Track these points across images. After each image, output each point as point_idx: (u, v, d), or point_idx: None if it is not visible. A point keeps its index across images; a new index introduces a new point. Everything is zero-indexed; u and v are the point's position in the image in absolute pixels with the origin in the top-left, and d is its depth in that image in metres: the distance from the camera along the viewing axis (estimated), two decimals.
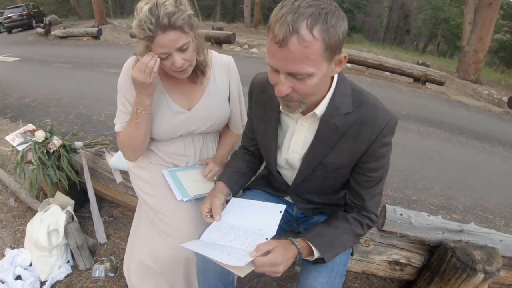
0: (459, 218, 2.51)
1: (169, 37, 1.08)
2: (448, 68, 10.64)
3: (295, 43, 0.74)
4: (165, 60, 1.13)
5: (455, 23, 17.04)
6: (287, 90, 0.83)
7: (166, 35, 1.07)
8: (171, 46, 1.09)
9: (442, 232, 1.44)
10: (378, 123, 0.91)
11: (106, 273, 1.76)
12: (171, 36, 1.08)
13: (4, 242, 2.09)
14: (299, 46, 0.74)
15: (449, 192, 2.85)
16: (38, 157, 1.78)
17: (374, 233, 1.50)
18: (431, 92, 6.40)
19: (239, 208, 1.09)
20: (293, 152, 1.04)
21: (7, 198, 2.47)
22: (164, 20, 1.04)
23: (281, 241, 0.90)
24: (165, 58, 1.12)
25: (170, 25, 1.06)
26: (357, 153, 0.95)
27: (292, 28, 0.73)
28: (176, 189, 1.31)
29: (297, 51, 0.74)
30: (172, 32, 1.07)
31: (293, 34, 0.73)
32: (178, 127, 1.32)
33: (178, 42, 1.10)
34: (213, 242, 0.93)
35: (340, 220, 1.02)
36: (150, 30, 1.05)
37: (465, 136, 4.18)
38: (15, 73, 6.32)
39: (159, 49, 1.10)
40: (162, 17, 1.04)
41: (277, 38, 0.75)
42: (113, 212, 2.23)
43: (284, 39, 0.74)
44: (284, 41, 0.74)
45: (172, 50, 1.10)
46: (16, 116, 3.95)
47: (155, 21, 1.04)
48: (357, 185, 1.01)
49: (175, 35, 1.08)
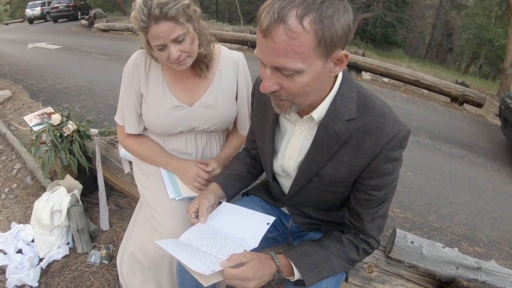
0: (482, 252, 2.30)
1: (162, 28, 1.05)
2: (488, 90, 10.06)
3: (281, 33, 0.65)
4: (162, 52, 1.11)
5: (499, 44, 16.12)
6: (273, 86, 0.74)
7: (159, 26, 1.05)
8: (165, 37, 1.07)
9: (456, 267, 1.29)
10: (383, 133, 0.79)
11: (101, 260, 1.76)
12: (164, 27, 1.05)
13: (15, 216, 2.17)
14: (284, 36, 0.65)
15: (475, 221, 2.63)
16: (51, 140, 1.81)
17: (380, 259, 1.38)
18: (468, 114, 6.04)
19: (227, 213, 1.02)
20: (289, 159, 0.95)
21: (25, 175, 2.56)
22: (156, 11, 1.03)
23: (259, 255, 0.82)
24: (162, 49, 1.10)
25: (163, 16, 1.04)
26: (358, 167, 0.83)
27: (278, 16, 0.64)
28: (171, 187, 1.28)
29: (282, 42, 0.66)
30: (165, 23, 1.05)
31: (279, 22, 0.65)
32: (177, 123, 1.28)
33: (172, 33, 1.07)
34: (189, 244, 0.87)
35: (333, 241, 0.91)
36: (143, 21, 1.04)
37: (499, 163, 3.88)
38: (55, 60, 6.65)
39: (154, 40, 1.08)
40: (154, 8, 1.02)
41: (262, 27, 0.67)
42: (120, 201, 2.24)
43: (268, 28, 0.66)
44: (268, 30, 0.66)
45: (167, 41, 1.08)
46: (48, 100, 4.14)
47: (147, 12, 1.03)
48: (357, 204, 0.89)
49: (168, 26, 1.06)
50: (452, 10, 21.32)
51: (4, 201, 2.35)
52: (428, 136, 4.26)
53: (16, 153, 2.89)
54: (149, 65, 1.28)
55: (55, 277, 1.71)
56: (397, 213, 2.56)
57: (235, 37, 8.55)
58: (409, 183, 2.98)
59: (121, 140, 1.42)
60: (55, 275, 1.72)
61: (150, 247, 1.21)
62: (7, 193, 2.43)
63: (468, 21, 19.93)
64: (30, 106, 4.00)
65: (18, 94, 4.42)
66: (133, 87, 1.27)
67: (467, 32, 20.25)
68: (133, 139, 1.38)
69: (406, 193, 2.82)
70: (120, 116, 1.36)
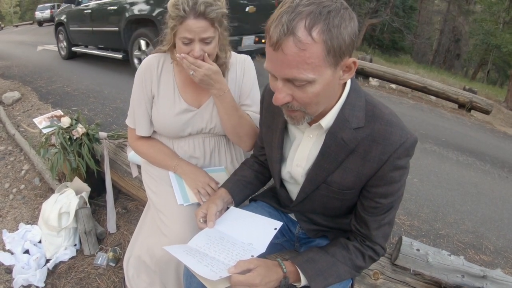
0: (488, 260, 2.27)
1: (199, 24, 1.10)
2: (496, 97, 9.99)
3: (291, 46, 0.66)
4: (186, 46, 1.14)
5: (507, 50, 16.00)
6: (286, 98, 0.75)
7: (197, 21, 1.09)
8: (197, 34, 1.11)
9: (462, 275, 1.29)
10: (391, 141, 0.80)
11: (108, 262, 1.78)
12: (201, 23, 1.10)
13: (22, 217, 2.20)
14: (295, 48, 0.66)
15: (481, 229, 2.60)
16: (60, 142, 1.84)
17: (386, 266, 1.37)
18: (475, 121, 6.00)
19: (235, 218, 1.03)
20: (297, 166, 0.96)
21: (34, 177, 2.60)
22: (201, 7, 1.07)
23: (266, 261, 0.83)
24: (187, 44, 1.14)
25: (204, 14, 1.09)
26: (365, 175, 0.84)
27: (287, 29, 0.66)
28: (179, 192, 1.29)
29: (293, 54, 0.67)
30: (203, 21, 1.10)
31: (288, 35, 0.66)
32: (186, 125, 1.31)
33: (205, 32, 1.12)
34: (197, 250, 0.88)
35: (339, 248, 0.92)
36: (184, 11, 1.08)
37: (506, 171, 3.84)
38: (63, 63, 6.72)
39: (185, 32, 1.12)
40: (200, 3, 1.07)
41: (272, 40, 0.68)
42: (128, 204, 2.26)
43: (278, 41, 0.67)
44: (278, 43, 0.67)
45: (196, 38, 1.12)
46: (57, 102, 4.19)
47: (192, 4, 1.08)
48: (364, 211, 0.90)
49: (205, 24, 1.10)
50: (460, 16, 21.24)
51: (12, 201, 2.38)
52: (435, 143, 4.24)
53: (24, 154, 2.92)
54: (161, 68, 1.31)
55: (62, 278, 1.73)
56: (403, 220, 2.54)
57: None
58: (416, 190, 2.97)
59: (131, 142, 1.44)
60: (61, 276, 1.73)
61: (156, 250, 1.22)
62: (15, 193, 2.46)
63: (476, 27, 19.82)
64: (39, 108, 4.06)
65: (27, 96, 4.49)
66: (145, 90, 1.30)
67: (474, 38, 20.14)
68: (144, 141, 1.40)
69: (412, 200, 2.80)
70: (131, 119, 1.39)
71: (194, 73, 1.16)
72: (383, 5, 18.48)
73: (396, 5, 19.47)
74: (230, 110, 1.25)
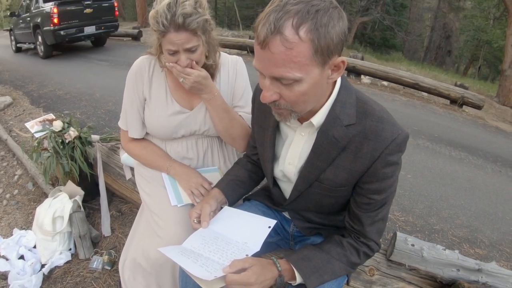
0: (483, 254, 2.30)
1: (180, 37, 1.08)
2: (487, 92, 10.06)
3: (278, 45, 0.67)
4: (172, 56, 1.14)
5: (497, 46, 16.15)
6: (273, 96, 0.75)
7: (178, 34, 1.08)
8: (180, 45, 1.10)
9: (457, 269, 1.30)
10: (382, 138, 0.80)
11: (103, 265, 1.77)
12: (182, 35, 1.08)
13: (16, 222, 2.18)
14: (282, 47, 0.67)
15: (476, 223, 2.63)
16: (52, 146, 1.82)
17: (381, 262, 1.38)
18: (467, 116, 6.05)
19: (229, 217, 1.03)
20: (289, 164, 0.96)
21: (27, 181, 2.57)
22: (179, 20, 1.05)
23: (261, 260, 0.83)
24: (173, 54, 1.13)
25: (184, 26, 1.06)
26: (357, 172, 0.85)
27: (274, 28, 0.66)
28: (172, 193, 1.29)
29: (280, 53, 0.67)
30: (184, 33, 1.08)
31: (275, 34, 0.66)
32: (178, 127, 1.30)
33: (188, 43, 1.10)
34: (192, 250, 0.88)
35: (333, 245, 0.92)
36: (163, 26, 1.06)
37: (499, 165, 3.88)
38: (55, 66, 6.66)
39: (168, 45, 1.11)
40: (178, 16, 1.04)
41: (259, 39, 0.68)
42: (122, 207, 2.25)
43: (265, 40, 0.67)
44: (265, 42, 0.67)
45: (180, 49, 1.11)
46: (49, 106, 4.15)
47: (170, 17, 1.05)
48: (357, 208, 0.90)
49: (186, 36, 1.09)
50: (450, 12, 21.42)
51: (6, 207, 2.36)
52: (428, 139, 4.27)
53: (17, 159, 2.90)
54: (152, 70, 1.31)
55: (57, 283, 1.71)
56: (398, 216, 2.56)
57: (234, 42, 8.58)
58: (410, 186, 2.99)
59: (124, 144, 1.43)
60: (57, 281, 1.72)
61: (152, 252, 1.21)
62: (9, 199, 2.44)
63: (466, 23, 20.01)
64: (30, 112, 4.02)
65: (19, 100, 4.44)
66: (136, 92, 1.30)
67: (465, 34, 20.32)
68: (136, 143, 1.40)
69: (406, 196, 2.82)
70: (124, 121, 1.38)
71: (184, 80, 1.16)
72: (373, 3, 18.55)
73: (386, 3, 19.58)
74: (221, 112, 1.26)
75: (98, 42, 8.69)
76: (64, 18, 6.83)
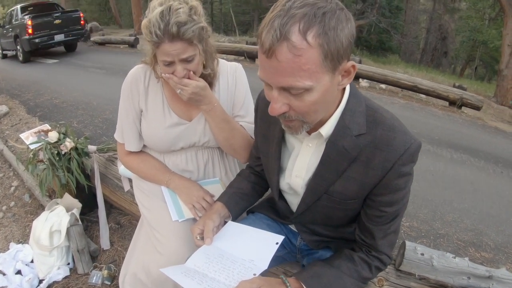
0: (489, 257, 2.26)
1: (175, 47, 1.02)
2: (485, 92, 10.08)
3: (285, 52, 0.62)
4: (168, 67, 1.08)
5: (493, 46, 16.22)
6: (282, 108, 0.70)
7: (173, 44, 1.01)
8: (176, 56, 1.04)
9: (468, 277, 1.26)
10: (394, 148, 0.76)
11: (103, 280, 1.72)
12: (177, 46, 1.02)
13: (13, 235, 2.13)
14: (289, 55, 0.62)
15: (480, 227, 2.59)
16: (48, 158, 1.78)
17: (390, 272, 1.34)
18: (466, 117, 6.04)
19: (233, 233, 0.99)
20: (296, 177, 0.91)
21: (23, 193, 2.53)
22: (173, 29, 0.98)
23: (269, 280, 0.79)
24: (168, 65, 1.07)
25: (179, 35, 1.00)
26: (369, 184, 0.80)
27: (280, 34, 0.61)
28: (173, 208, 1.24)
29: (287, 61, 0.62)
30: (180, 43, 1.02)
31: (282, 41, 0.61)
32: (177, 139, 1.25)
33: (184, 53, 1.04)
34: (196, 270, 0.84)
35: (344, 260, 0.88)
36: (157, 36, 1.00)
37: (501, 166, 3.85)
38: (51, 75, 6.64)
39: (163, 56, 1.05)
40: (171, 25, 0.98)
41: (264, 47, 0.63)
42: (121, 219, 2.20)
43: (271, 48, 0.62)
44: (271, 50, 0.62)
45: (176, 59, 1.05)
46: (45, 115, 4.11)
47: (163, 27, 0.98)
48: (368, 221, 0.86)
49: (181, 46, 1.02)
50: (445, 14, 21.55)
51: (2, 219, 2.31)
52: (429, 142, 4.25)
53: (13, 170, 2.85)
54: (148, 80, 1.25)
55: None
56: (402, 222, 2.52)
57: (231, 48, 8.58)
58: (413, 191, 2.91)
59: (122, 158, 1.38)
60: None
61: (152, 268, 1.16)
62: (5, 211, 2.39)
63: (462, 24, 20.14)
64: (27, 121, 3.97)
65: (15, 110, 4.40)
66: (132, 103, 1.24)
67: (461, 35, 20.45)
68: (134, 156, 1.35)
69: (410, 201, 2.73)
70: (120, 133, 1.33)
71: (181, 92, 1.11)
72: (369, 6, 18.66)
73: (382, 6, 19.67)
74: (221, 123, 1.21)
75: (69, 47, 9.92)
76: (37, 29, 8.29)
